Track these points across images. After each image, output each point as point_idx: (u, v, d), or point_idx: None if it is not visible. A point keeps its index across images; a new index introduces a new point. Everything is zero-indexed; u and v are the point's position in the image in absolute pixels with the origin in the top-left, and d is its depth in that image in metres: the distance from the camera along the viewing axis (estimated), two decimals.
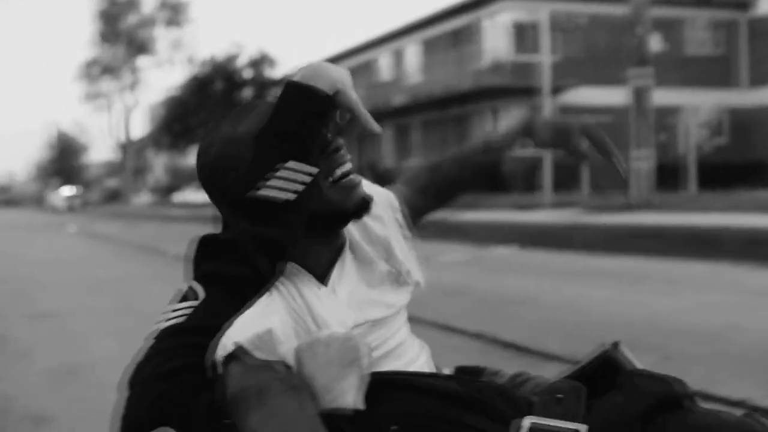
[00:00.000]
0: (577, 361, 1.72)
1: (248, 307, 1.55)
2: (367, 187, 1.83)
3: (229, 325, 1.51)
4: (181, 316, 1.52)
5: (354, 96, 1.66)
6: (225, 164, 1.65)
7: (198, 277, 1.57)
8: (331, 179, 1.66)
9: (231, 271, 1.55)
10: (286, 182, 1.54)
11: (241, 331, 1.50)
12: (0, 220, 39.22)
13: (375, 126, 1.69)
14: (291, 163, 1.55)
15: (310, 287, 1.69)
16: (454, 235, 15.17)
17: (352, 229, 1.82)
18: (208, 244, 1.60)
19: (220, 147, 1.68)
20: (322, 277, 1.72)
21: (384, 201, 1.92)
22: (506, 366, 1.88)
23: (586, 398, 1.52)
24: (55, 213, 55.61)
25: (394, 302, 1.82)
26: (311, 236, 1.67)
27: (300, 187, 1.55)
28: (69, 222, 34.45)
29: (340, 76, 1.65)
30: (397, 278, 1.86)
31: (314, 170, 1.57)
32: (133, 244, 17.77)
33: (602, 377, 1.63)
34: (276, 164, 1.54)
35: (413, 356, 1.79)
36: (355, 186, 1.72)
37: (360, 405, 1.44)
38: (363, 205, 1.74)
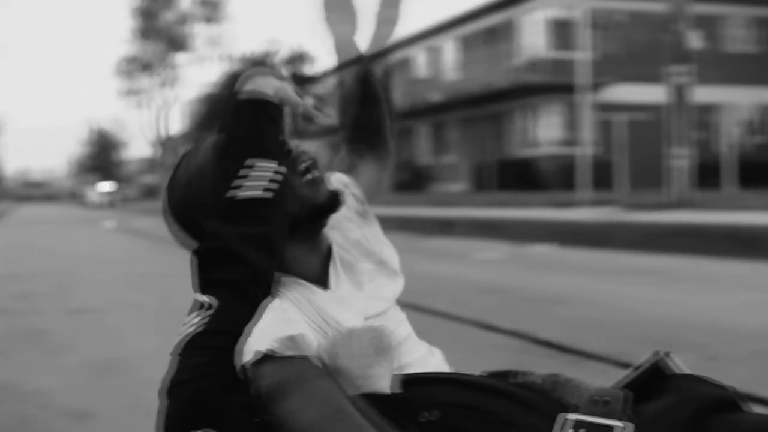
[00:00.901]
0: (627, 370, 1.70)
1: (263, 313, 1.60)
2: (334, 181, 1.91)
3: (250, 331, 1.54)
4: (200, 325, 1.57)
5: (296, 97, 1.82)
6: (197, 183, 1.77)
7: (205, 288, 1.62)
8: (300, 178, 1.76)
9: (233, 275, 1.61)
10: (259, 181, 1.65)
11: (268, 335, 1.52)
12: (39, 216, 39.55)
13: (327, 119, 1.91)
14: (257, 163, 1.67)
15: (314, 293, 1.73)
16: (492, 233, 15.13)
17: (331, 235, 1.87)
18: (204, 255, 1.66)
19: (187, 175, 1.81)
20: (320, 282, 1.77)
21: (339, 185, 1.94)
22: (545, 364, 1.86)
23: (635, 403, 1.49)
24: (93, 209, 56.01)
25: (388, 294, 1.89)
26: (298, 241, 1.76)
27: (274, 186, 1.66)
28: (107, 218, 34.68)
29: (280, 82, 1.81)
30: (385, 270, 1.93)
31: (281, 168, 1.69)
32: (170, 241, 17.77)
33: (652, 386, 1.61)
34: (242, 166, 1.67)
35: (419, 356, 1.81)
36: (322, 180, 1.81)
37: (396, 389, 1.49)
38: (334, 197, 1.80)
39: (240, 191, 1.65)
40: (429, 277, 9.30)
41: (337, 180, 1.94)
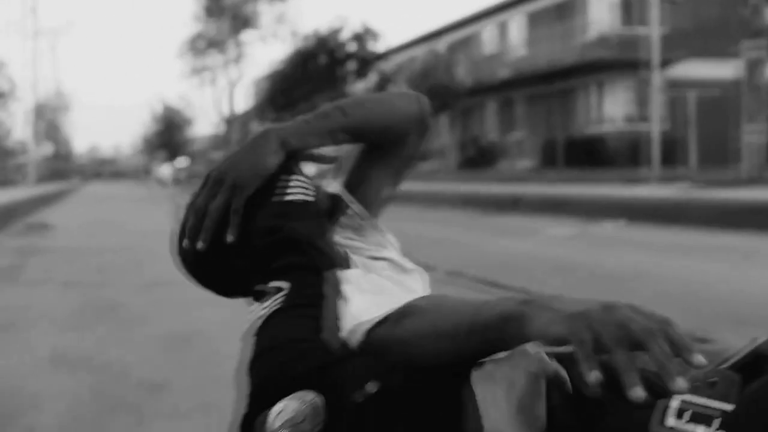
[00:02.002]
0: (726, 357, 1.64)
1: (351, 285, 1.60)
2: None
3: (350, 301, 1.54)
4: (274, 307, 1.56)
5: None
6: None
7: (270, 278, 1.62)
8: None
9: (300, 259, 1.63)
10: (300, 188, 1.72)
11: (368, 311, 1.50)
12: (108, 193, 40.07)
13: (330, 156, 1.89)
14: (296, 175, 1.75)
15: (379, 267, 1.76)
16: (560, 210, 15.02)
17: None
18: (265, 247, 1.67)
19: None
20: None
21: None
22: None
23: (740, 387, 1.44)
24: (162, 186, 56.56)
25: (415, 288, 1.78)
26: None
27: (312, 193, 1.74)
28: (176, 194, 35.03)
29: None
30: (397, 267, 1.85)
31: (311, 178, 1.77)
32: None
33: (753, 372, 1.55)
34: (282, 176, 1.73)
35: None
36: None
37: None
38: (335, 200, 1.84)
39: (285, 197, 1.70)
40: (499, 254, 9.27)
41: (333, 189, 1.92)
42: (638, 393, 1.14)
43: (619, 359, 1.16)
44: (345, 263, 1.73)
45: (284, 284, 1.60)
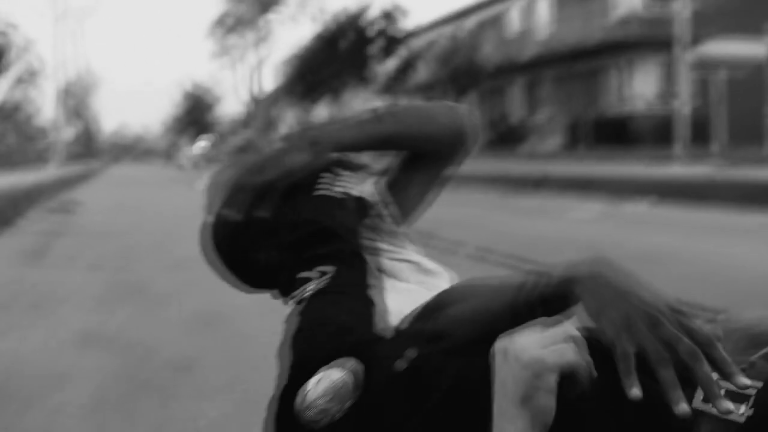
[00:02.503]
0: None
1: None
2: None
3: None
4: (316, 289, 1.61)
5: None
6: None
7: (313, 264, 1.66)
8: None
9: (344, 247, 1.68)
10: (343, 186, 1.78)
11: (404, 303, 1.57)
12: (134, 175, 40.24)
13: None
14: (339, 173, 1.81)
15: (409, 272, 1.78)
16: (587, 190, 14.95)
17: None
18: (309, 235, 1.71)
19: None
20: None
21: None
22: None
23: None
24: (181, 170, 56.74)
25: (440, 287, 1.78)
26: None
27: (350, 191, 1.79)
28: (202, 174, 35.11)
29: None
30: (422, 269, 1.85)
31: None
32: None
33: None
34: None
35: None
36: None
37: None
38: (363, 203, 1.84)
39: (326, 192, 1.77)
40: (526, 234, 9.23)
41: (365, 191, 1.92)
42: (684, 409, 1.19)
43: (665, 377, 1.20)
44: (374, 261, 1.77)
45: (329, 268, 1.63)
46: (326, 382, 1.44)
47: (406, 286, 1.70)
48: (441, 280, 1.81)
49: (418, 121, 1.89)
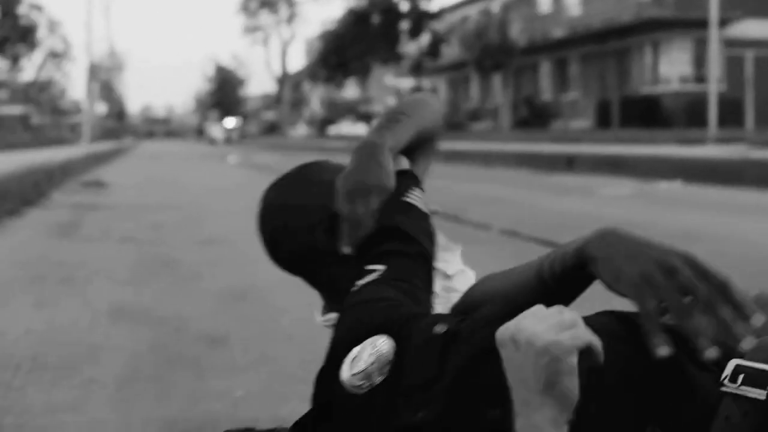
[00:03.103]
0: None
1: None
2: None
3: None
4: (372, 280, 1.66)
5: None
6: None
7: (372, 261, 1.70)
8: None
9: (399, 248, 1.72)
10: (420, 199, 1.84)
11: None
12: (163, 152, 40.38)
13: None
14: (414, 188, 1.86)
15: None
16: (616, 170, 14.88)
17: None
18: (377, 233, 1.76)
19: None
20: None
21: None
22: None
23: None
24: (214, 145, 56.82)
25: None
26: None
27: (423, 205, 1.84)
28: (229, 153, 35.22)
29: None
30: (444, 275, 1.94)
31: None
32: None
33: None
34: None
35: None
36: None
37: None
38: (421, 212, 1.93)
39: (412, 199, 1.82)
40: (554, 213, 9.20)
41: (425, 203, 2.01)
42: (712, 354, 1.25)
43: (689, 326, 1.27)
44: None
45: (381, 267, 1.67)
46: (370, 349, 1.47)
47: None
48: (461, 282, 1.91)
49: (431, 113, 1.98)
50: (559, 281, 1.51)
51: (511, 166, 18.46)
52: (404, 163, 1.91)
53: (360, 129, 55.71)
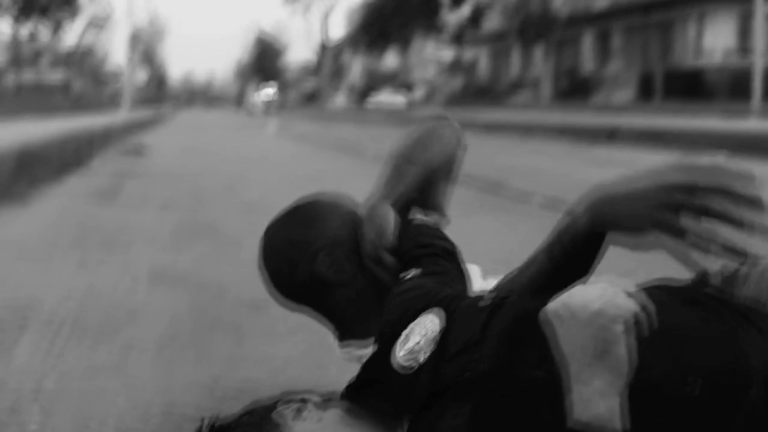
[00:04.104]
0: None
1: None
2: None
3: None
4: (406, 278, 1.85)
5: None
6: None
7: (406, 266, 1.90)
8: None
9: (432, 249, 1.95)
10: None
11: None
12: (202, 120, 40.54)
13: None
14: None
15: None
16: (658, 143, 14.75)
17: None
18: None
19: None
20: None
21: None
22: None
23: None
24: (253, 114, 56.87)
25: None
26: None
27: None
28: (268, 122, 35.25)
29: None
30: None
31: None
32: (332, 143, 18.02)
33: None
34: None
35: None
36: None
37: (617, 425, 1.22)
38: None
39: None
40: (596, 183, 9.10)
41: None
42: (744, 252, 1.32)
43: (703, 233, 1.35)
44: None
45: (415, 270, 1.84)
46: (418, 328, 1.56)
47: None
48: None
49: (441, 147, 2.18)
50: (572, 258, 1.54)
51: (551, 138, 18.32)
52: (416, 213, 2.13)
53: (399, 99, 55.60)
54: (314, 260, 1.99)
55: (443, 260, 1.90)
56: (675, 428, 1.24)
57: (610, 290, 1.26)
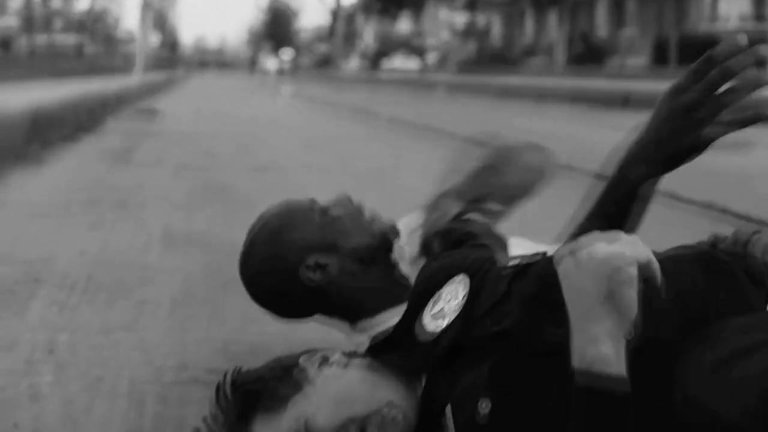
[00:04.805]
0: None
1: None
2: None
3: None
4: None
5: None
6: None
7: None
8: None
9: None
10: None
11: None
12: (215, 83, 40.50)
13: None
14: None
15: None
16: None
17: None
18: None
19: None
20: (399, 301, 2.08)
21: None
22: None
23: None
24: (266, 77, 56.75)
25: None
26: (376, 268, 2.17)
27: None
28: (282, 85, 35.20)
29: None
30: None
31: None
32: (345, 107, 17.99)
33: None
34: None
35: None
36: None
37: (621, 369, 1.21)
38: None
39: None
40: (611, 148, 9.07)
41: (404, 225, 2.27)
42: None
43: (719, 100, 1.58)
44: None
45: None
46: (448, 289, 1.64)
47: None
48: None
49: (521, 172, 2.45)
50: (625, 215, 1.75)
51: (565, 102, 18.22)
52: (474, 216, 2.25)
53: (412, 63, 55.43)
54: (297, 275, 2.08)
55: (478, 227, 2.09)
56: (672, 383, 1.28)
57: (628, 237, 1.27)
